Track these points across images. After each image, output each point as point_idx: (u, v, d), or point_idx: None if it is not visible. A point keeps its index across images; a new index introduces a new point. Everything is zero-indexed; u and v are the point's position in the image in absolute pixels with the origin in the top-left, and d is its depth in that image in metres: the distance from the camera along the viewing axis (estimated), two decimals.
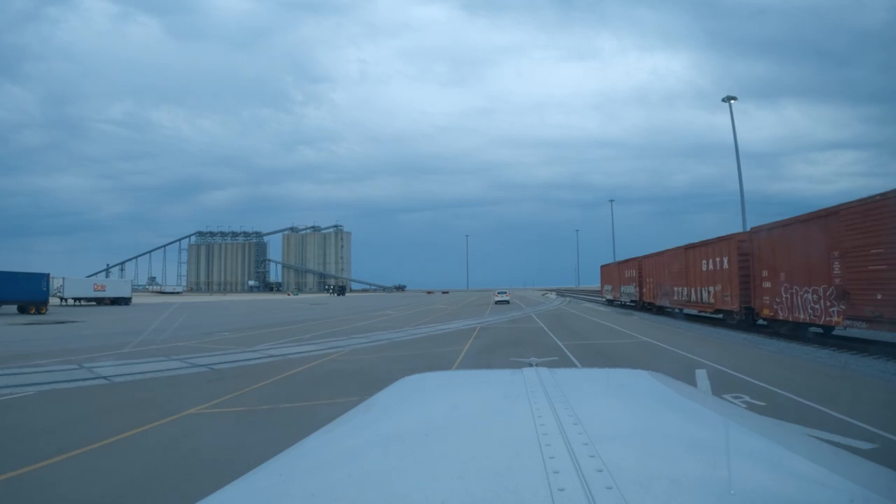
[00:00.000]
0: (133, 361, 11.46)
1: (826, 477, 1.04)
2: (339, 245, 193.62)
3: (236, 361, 11.69)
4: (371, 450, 1.24)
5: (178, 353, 12.90)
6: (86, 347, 14.64)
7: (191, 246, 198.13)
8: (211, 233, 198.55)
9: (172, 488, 4.29)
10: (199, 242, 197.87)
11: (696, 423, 1.44)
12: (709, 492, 0.91)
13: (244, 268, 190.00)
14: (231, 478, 1.11)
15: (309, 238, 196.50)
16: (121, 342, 15.25)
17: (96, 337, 18.25)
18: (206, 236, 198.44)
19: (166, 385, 8.94)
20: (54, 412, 7.07)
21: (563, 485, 0.86)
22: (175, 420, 6.46)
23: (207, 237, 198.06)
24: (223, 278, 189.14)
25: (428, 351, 13.41)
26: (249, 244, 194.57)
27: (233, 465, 4.36)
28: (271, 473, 1.13)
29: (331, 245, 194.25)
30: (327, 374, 10.05)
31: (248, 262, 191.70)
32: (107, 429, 5.92)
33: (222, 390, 8.23)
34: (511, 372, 1.90)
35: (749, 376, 8.60)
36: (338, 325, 23.57)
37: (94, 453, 5.15)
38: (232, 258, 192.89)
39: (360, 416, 1.60)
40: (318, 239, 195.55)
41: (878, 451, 4.77)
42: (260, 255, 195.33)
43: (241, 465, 1.43)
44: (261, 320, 27.34)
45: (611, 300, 37.50)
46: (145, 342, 15.11)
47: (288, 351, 13.54)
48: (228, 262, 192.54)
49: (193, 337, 17.20)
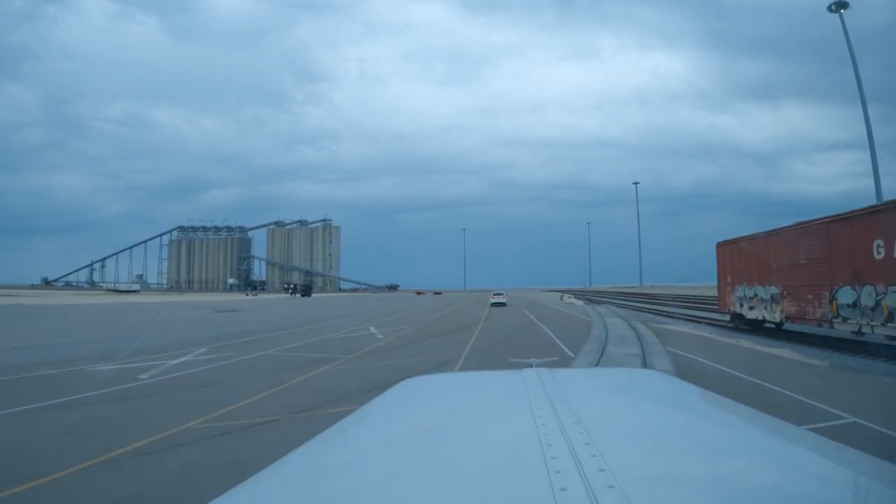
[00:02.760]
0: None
1: (829, 472, 1.04)
2: (328, 240, 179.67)
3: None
4: (373, 454, 1.25)
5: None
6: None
7: (172, 241, 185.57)
8: (193, 227, 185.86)
9: None
10: (180, 238, 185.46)
11: (697, 422, 1.46)
12: (711, 490, 0.90)
13: (226, 265, 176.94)
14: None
15: (295, 233, 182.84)
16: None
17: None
18: (189, 231, 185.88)
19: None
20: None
21: (566, 485, 0.85)
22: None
23: (189, 232, 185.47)
24: (204, 276, 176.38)
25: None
26: (232, 240, 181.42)
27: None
28: (273, 479, 1.13)
29: (318, 240, 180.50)
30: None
31: (231, 258, 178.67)
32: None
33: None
34: (511, 373, 1.90)
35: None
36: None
37: None
38: (214, 254, 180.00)
39: (361, 419, 1.63)
40: (305, 234, 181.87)
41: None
42: (243, 252, 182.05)
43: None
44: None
45: (754, 319, 16.59)
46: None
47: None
48: (210, 258, 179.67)
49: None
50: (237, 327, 22.86)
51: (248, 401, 7.80)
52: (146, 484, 4.66)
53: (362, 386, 8.90)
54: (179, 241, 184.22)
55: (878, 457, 1.11)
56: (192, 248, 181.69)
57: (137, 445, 5.60)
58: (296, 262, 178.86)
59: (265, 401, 7.90)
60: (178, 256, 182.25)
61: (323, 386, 9.17)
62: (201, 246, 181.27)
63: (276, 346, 15.08)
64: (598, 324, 19.56)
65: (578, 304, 44.10)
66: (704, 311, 24.86)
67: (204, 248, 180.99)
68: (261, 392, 8.44)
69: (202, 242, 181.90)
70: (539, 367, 2.05)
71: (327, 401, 7.81)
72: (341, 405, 7.28)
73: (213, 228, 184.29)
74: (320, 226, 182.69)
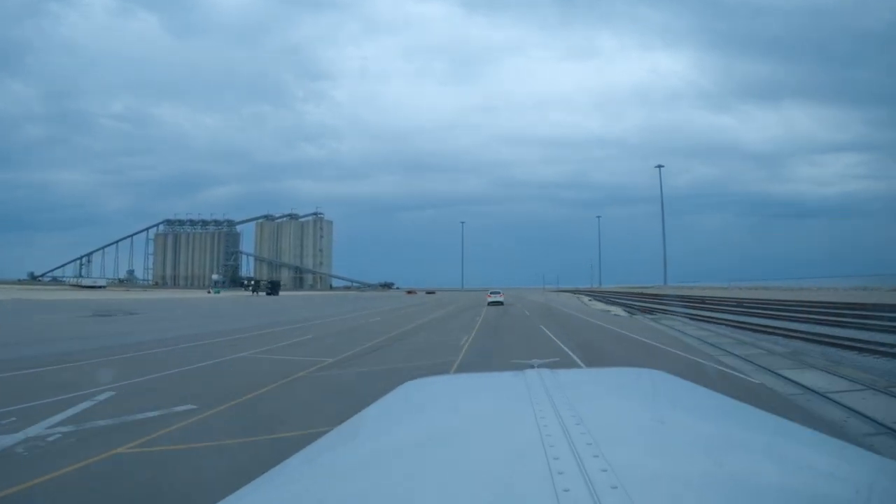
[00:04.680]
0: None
1: (832, 471, 1.04)
2: (318, 235, 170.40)
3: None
4: (376, 456, 1.24)
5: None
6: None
7: (157, 235, 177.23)
8: (180, 221, 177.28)
9: None
10: (166, 231, 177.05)
11: (700, 421, 1.45)
12: (715, 489, 0.90)
13: (213, 260, 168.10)
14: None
15: (285, 227, 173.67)
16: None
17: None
18: (175, 225, 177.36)
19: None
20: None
21: (568, 485, 0.85)
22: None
23: (176, 226, 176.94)
24: (190, 271, 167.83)
25: None
26: (220, 234, 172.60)
27: None
28: (275, 483, 1.13)
29: (309, 235, 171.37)
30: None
31: (218, 253, 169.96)
32: None
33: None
34: (513, 374, 1.89)
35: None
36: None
37: None
38: (200, 249, 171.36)
39: (363, 422, 1.60)
40: (295, 228, 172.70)
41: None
42: (231, 247, 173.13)
43: None
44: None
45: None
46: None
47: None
48: (196, 253, 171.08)
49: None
50: (44, 348, 13.42)
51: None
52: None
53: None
54: (165, 235, 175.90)
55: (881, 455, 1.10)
56: (177, 243, 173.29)
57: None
58: (285, 258, 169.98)
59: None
60: (163, 251, 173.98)
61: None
62: (188, 240, 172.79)
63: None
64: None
65: (619, 312, 29.91)
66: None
67: (190, 242, 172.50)
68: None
69: (189, 236, 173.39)
70: (541, 367, 2.04)
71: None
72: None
73: (200, 222, 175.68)
74: (311, 219, 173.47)
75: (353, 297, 73.45)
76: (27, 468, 4.56)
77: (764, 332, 16.96)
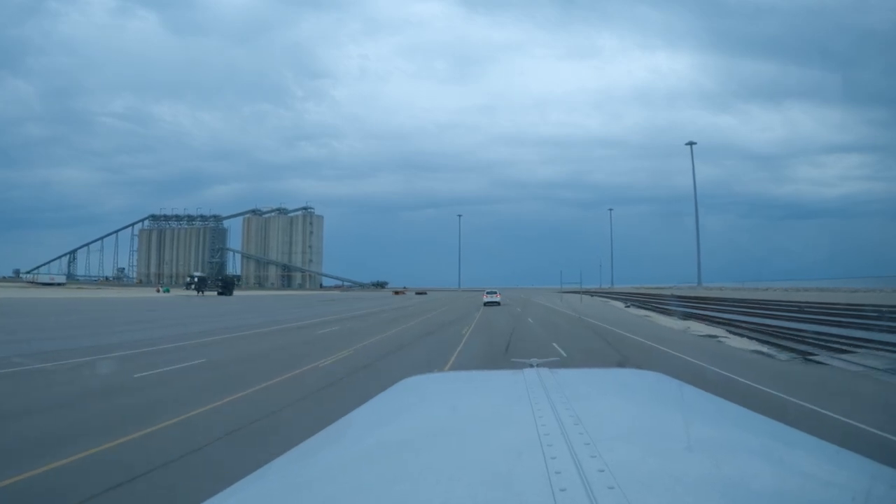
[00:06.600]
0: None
1: (828, 476, 1.04)
2: (308, 231, 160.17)
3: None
4: (372, 453, 1.23)
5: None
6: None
7: (142, 231, 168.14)
8: (165, 216, 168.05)
9: None
10: (151, 227, 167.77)
11: (697, 423, 1.45)
12: (711, 491, 0.90)
13: (198, 257, 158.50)
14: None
15: (273, 222, 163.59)
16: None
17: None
18: (161, 220, 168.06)
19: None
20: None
21: (565, 485, 0.86)
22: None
23: (161, 221, 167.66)
24: (174, 269, 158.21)
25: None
26: (206, 229, 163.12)
27: None
28: (271, 479, 1.13)
29: (298, 231, 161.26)
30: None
31: (203, 250, 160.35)
32: None
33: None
34: (512, 372, 1.91)
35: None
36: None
37: None
38: (185, 246, 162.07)
39: (362, 418, 1.61)
40: (284, 223, 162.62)
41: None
42: (217, 243, 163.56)
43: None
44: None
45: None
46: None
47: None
48: (181, 249, 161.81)
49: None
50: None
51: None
52: None
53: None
54: (150, 230, 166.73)
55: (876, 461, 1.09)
56: (162, 239, 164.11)
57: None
58: (273, 255, 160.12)
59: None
60: (147, 247, 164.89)
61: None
62: (173, 236, 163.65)
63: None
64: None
65: (760, 349, 13.92)
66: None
67: (175, 238, 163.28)
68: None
69: (174, 232, 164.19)
70: (540, 366, 2.02)
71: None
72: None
73: (186, 217, 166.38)
74: (300, 214, 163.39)
75: (329, 299, 63.44)
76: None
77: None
